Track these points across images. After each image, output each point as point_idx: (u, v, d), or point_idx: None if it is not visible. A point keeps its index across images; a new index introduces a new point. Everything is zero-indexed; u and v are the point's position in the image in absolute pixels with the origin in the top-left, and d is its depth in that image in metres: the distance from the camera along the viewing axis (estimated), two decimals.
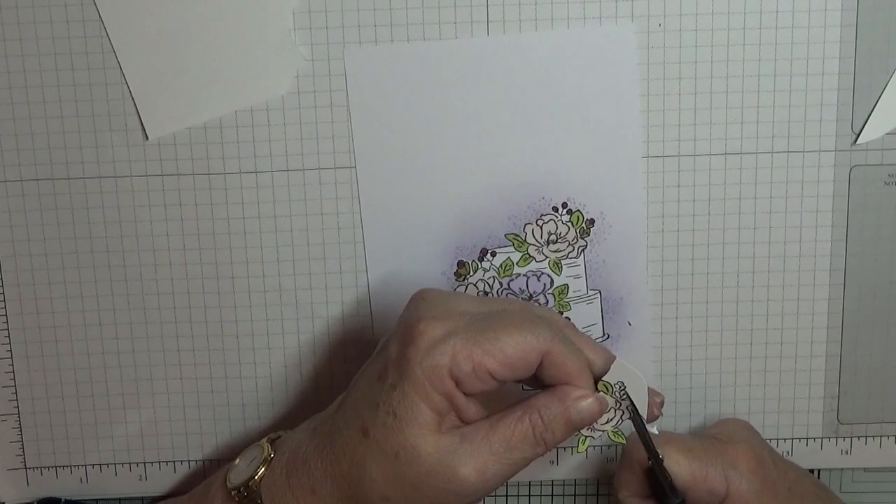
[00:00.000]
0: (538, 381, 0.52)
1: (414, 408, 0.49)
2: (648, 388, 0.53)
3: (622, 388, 0.52)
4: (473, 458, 0.49)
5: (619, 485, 0.56)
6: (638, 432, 0.53)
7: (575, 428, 0.51)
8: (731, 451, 0.55)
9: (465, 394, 0.50)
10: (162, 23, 0.57)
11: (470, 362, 0.49)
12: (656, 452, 0.53)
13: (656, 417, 0.54)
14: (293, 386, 0.62)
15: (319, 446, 0.52)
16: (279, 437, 0.56)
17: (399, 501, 0.50)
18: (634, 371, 0.52)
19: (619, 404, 0.52)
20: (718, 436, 0.57)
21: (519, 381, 0.52)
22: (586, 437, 0.53)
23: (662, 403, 0.55)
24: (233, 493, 0.53)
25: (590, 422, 0.51)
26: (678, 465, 0.54)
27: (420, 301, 0.52)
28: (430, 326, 0.50)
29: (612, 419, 0.52)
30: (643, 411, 0.52)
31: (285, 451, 0.53)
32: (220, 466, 0.62)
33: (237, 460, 0.55)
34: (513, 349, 0.49)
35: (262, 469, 0.53)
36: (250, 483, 0.53)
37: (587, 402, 0.50)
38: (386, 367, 0.51)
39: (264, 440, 0.55)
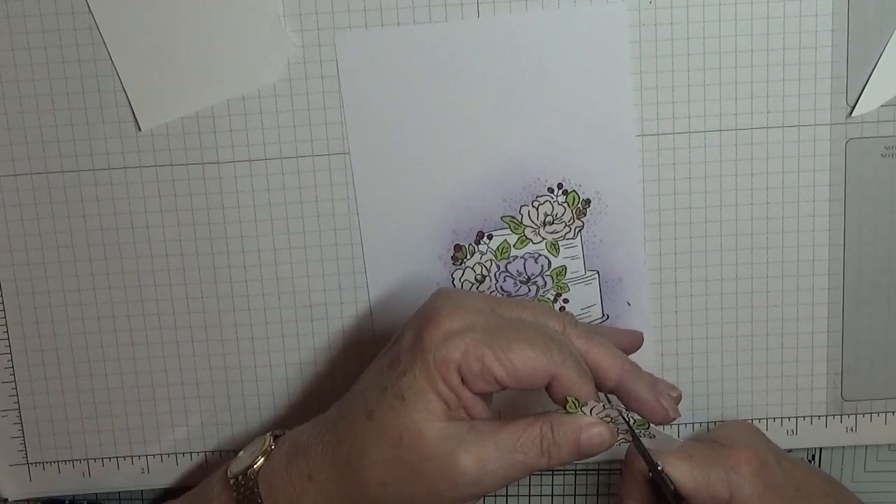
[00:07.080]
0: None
1: (423, 393, 0.50)
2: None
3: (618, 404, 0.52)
4: (477, 447, 0.50)
5: (624, 494, 0.57)
6: (634, 444, 0.52)
7: (580, 452, 0.50)
8: (734, 455, 0.55)
9: (471, 391, 0.50)
10: (151, 13, 0.57)
11: (479, 363, 0.49)
12: (654, 463, 0.53)
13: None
14: (292, 373, 0.62)
15: (321, 434, 0.53)
16: (283, 433, 0.56)
17: (395, 486, 0.50)
18: None
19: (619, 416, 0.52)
20: (720, 440, 0.57)
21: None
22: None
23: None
24: (231, 482, 0.54)
25: (597, 450, 0.51)
26: (679, 472, 0.54)
27: (440, 296, 0.53)
28: (449, 318, 0.50)
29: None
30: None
31: (286, 442, 0.54)
32: (222, 458, 0.63)
33: (241, 452, 0.55)
34: (522, 363, 0.50)
35: (262, 459, 0.54)
36: (248, 472, 0.53)
37: (598, 430, 0.50)
38: (399, 354, 0.51)
39: (268, 434, 0.55)
